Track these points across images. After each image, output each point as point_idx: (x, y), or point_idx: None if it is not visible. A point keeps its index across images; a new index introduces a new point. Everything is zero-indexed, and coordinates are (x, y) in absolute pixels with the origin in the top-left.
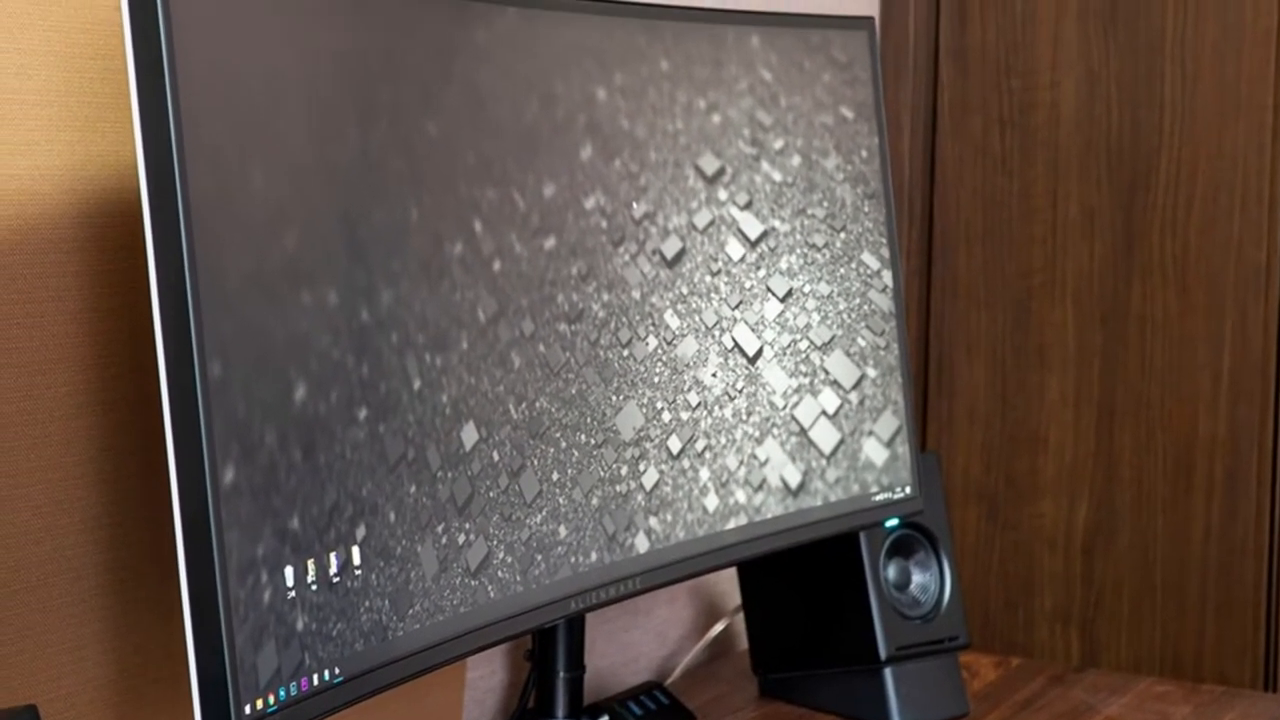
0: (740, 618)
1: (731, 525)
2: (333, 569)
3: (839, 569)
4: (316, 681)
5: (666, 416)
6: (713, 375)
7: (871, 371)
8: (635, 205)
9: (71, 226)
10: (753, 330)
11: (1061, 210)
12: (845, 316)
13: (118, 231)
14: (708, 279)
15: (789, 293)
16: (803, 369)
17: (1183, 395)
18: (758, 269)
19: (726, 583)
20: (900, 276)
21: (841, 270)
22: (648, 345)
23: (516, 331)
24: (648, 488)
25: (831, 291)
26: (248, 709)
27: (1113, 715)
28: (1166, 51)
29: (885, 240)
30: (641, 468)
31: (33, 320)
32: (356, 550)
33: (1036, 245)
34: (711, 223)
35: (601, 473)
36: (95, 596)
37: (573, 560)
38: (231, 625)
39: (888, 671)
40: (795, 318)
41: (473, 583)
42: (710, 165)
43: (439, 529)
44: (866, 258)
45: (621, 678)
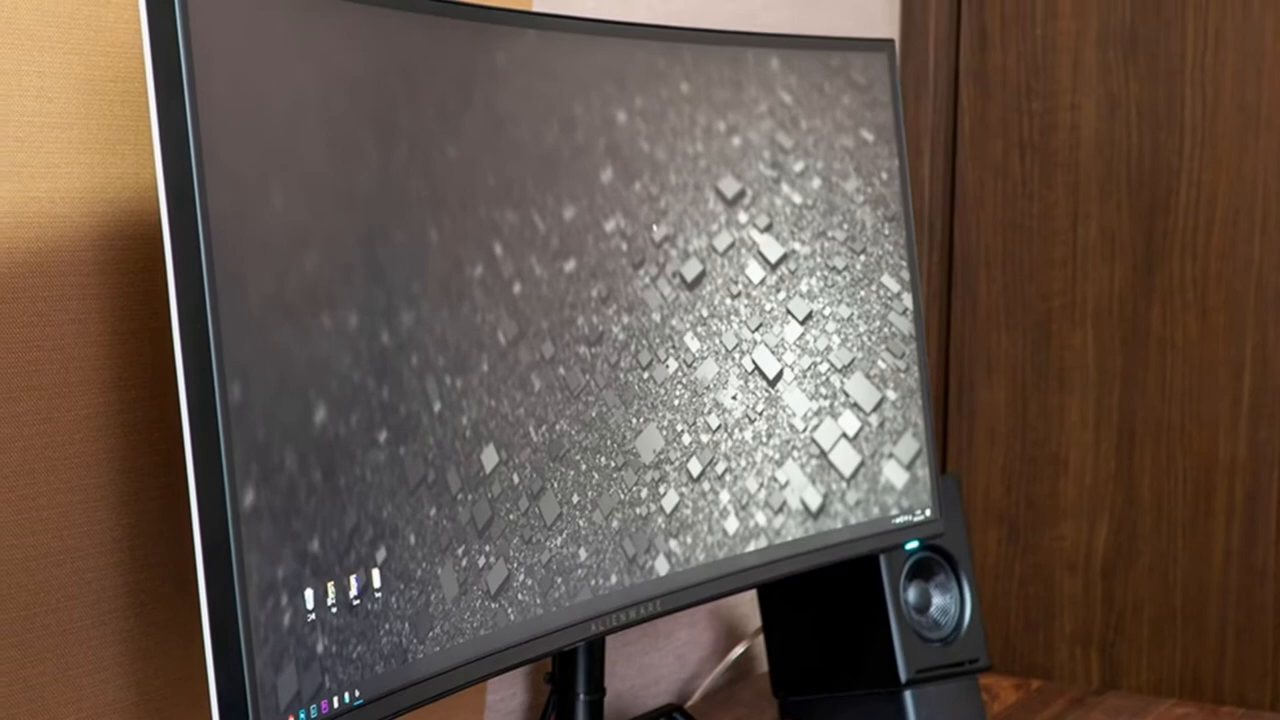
0: (760, 640)
1: (751, 548)
2: (353, 591)
3: (859, 592)
4: (337, 704)
5: (686, 439)
6: (733, 398)
7: (892, 394)
8: (655, 228)
9: (92, 249)
10: (773, 353)
11: (1082, 233)
12: (865, 339)
13: (138, 254)
14: (728, 301)
15: (809, 315)
16: (823, 392)
17: (1203, 418)
18: (778, 291)
19: (746, 605)
20: (920, 299)
21: (862, 293)
22: (668, 368)
23: (537, 354)
24: (668, 510)
25: (852, 314)
26: None
27: None
28: (1187, 75)
29: (905, 263)
30: (661, 490)
31: (53, 343)
32: (377, 573)
33: (1057, 268)
34: (732, 245)
35: (621, 495)
36: (115, 619)
37: (593, 583)
38: (251, 648)
39: (908, 694)
40: (815, 340)
41: (493, 605)
42: (730, 188)
43: (459, 551)
44: (887, 280)
45: (641, 700)
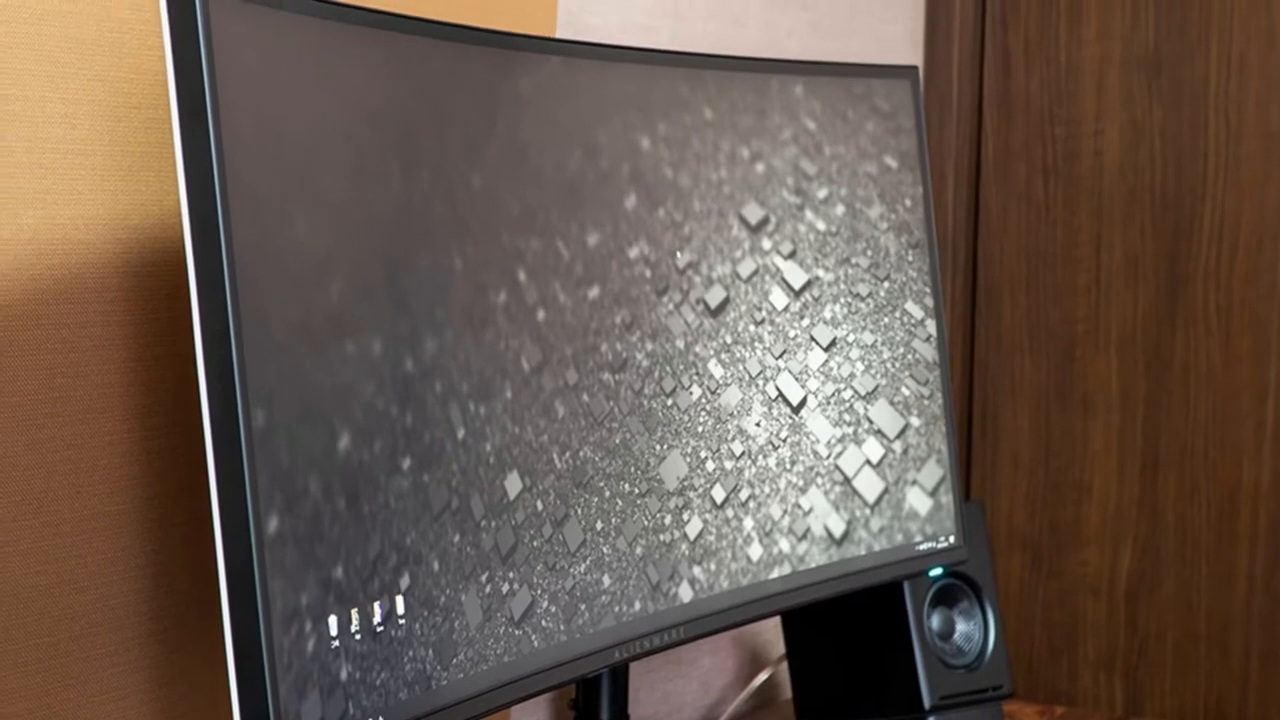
0: (784, 667)
1: (775, 574)
2: (376, 618)
3: (883, 618)
4: None
5: (710, 466)
6: (756, 424)
7: (915, 421)
8: (679, 254)
9: (116, 275)
10: (796, 379)
11: (1105, 259)
12: (889, 366)
13: (162, 280)
14: (751, 328)
15: (833, 342)
16: (846, 418)
17: (1226, 444)
18: (801, 318)
19: (770, 632)
20: (944, 325)
21: (885, 319)
22: (692, 394)
23: (560, 381)
24: (691, 537)
25: (875, 341)
26: None
27: None
28: (1210, 101)
29: (929, 289)
30: (685, 517)
31: (77, 369)
32: (400, 599)
33: (1080, 294)
34: (755, 272)
35: (645, 522)
36: (139, 645)
37: (616, 609)
38: (275, 674)
39: None
40: (839, 367)
41: (516, 632)
42: (754, 214)
43: (483, 578)
44: (910, 307)
45: None
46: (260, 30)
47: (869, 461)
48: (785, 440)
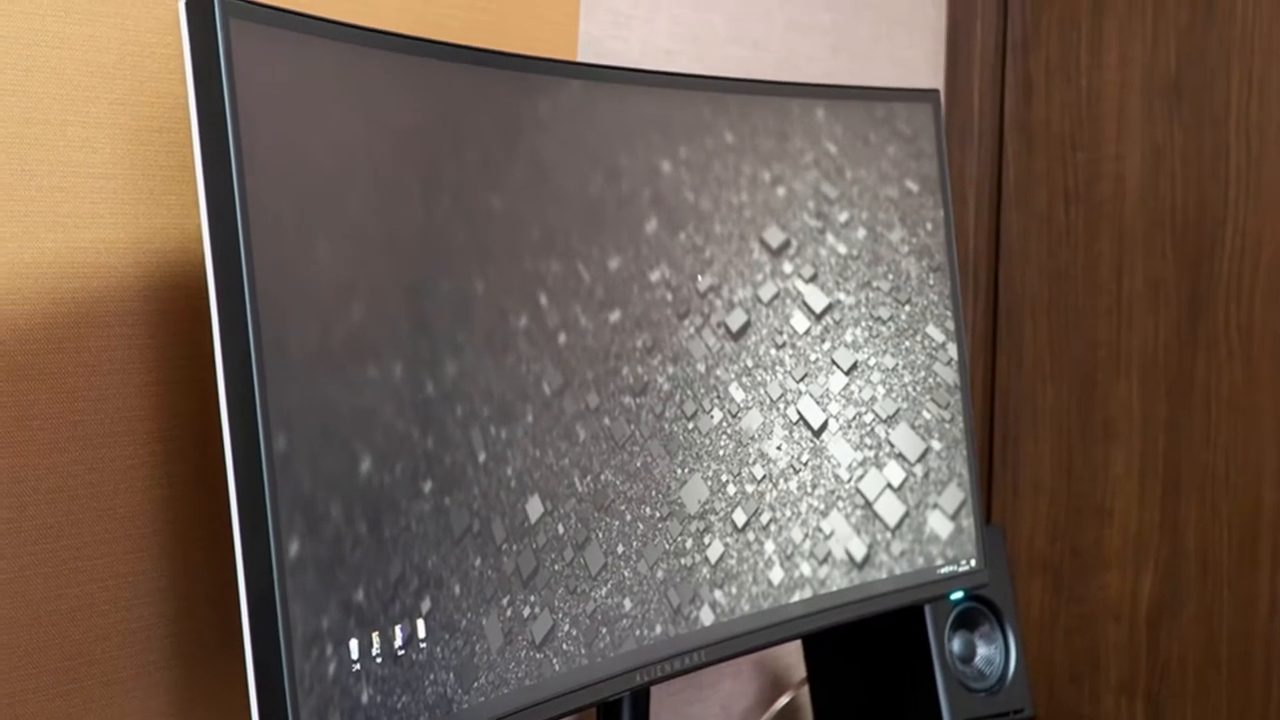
0: (805, 690)
1: (796, 598)
2: (398, 642)
3: (904, 642)
4: None
5: (731, 489)
6: (778, 448)
7: (936, 444)
8: (700, 278)
9: (137, 299)
10: (818, 403)
11: (1127, 283)
12: (910, 389)
13: (183, 304)
14: (773, 352)
15: (854, 366)
16: (867, 442)
17: (1248, 468)
18: (823, 342)
19: (791, 655)
20: (965, 349)
21: (906, 343)
22: (713, 418)
23: (581, 404)
24: (713, 560)
25: (896, 364)
26: None
27: None
28: (1231, 125)
29: (950, 313)
30: (706, 540)
31: (98, 393)
32: (421, 623)
33: (1101, 318)
34: (776, 295)
35: (666, 545)
36: (161, 669)
37: (637, 633)
38: (296, 698)
39: None
40: (860, 391)
41: (537, 655)
42: (775, 238)
43: (504, 602)
44: (931, 331)
45: None
46: (281, 53)
47: (890, 485)
48: (806, 464)
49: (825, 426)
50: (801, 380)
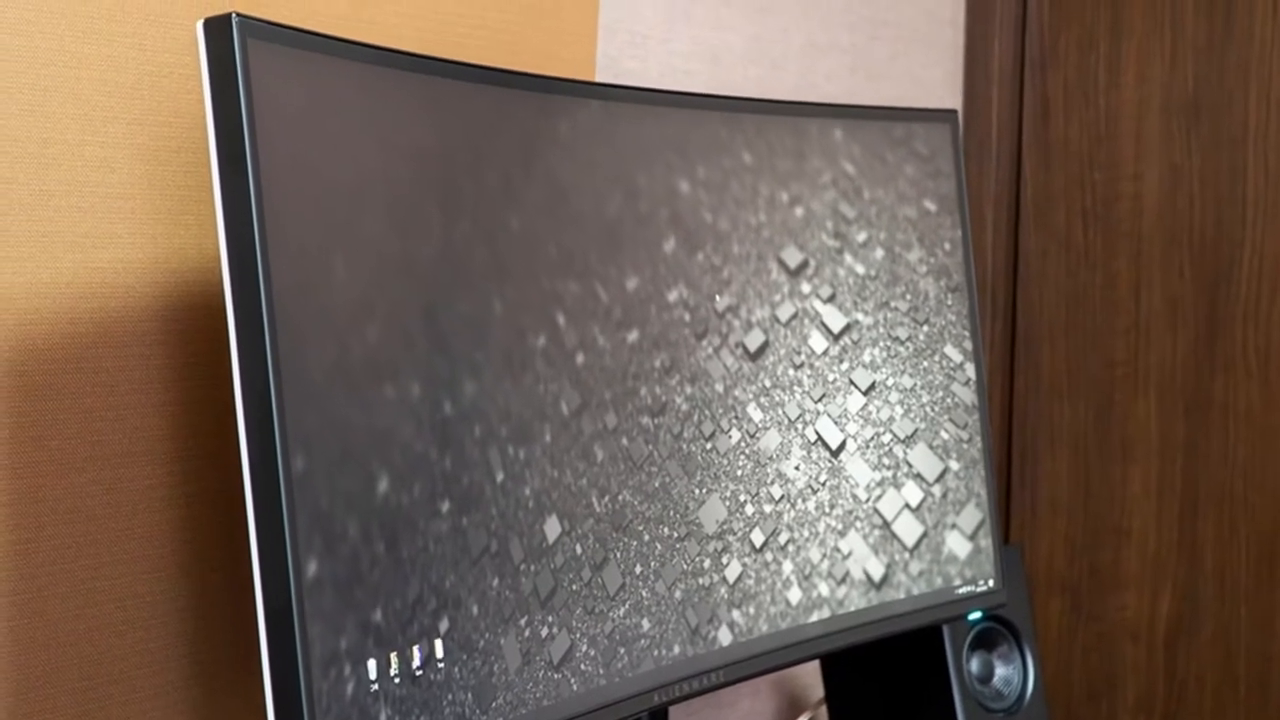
0: (823, 711)
1: (814, 618)
2: (415, 662)
3: (922, 662)
4: None
5: (749, 509)
6: (795, 468)
7: (954, 464)
8: (718, 298)
9: (154, 319)
10: (836, 423)
11: (1145, 302)
12: (928, 409)
13: (201, 324)
14: (791, 372)
15: (872, 386)
16: (885, 462)
17: (1266, 487)
18: (841, 362)
19: (809, 675)
20: (983, 369)
21: (924, 363)
22: (731, 438)
23: (599, 424)
24: (731, 580)
25: (914, 384)
26: None
27: None
28: (1250, 145)
29: (968, 333)
30: (724, 560)
31: (116, 413)
32: (439, 643)
33: (1120, 337)
34: (794, 316)
35: (684, 565)
36: (179, 689)
37: (656, 653)
38: (314, 717)
39: None
40: (878, 411)
41: (555, 675)
42: (793, 258)
43: (522, 622)
44: (949, 350)
45: None
46: (299, 73)
47: (908, 505)
48: (824, 484)
49: (843, 446)
50: (819, 400)
